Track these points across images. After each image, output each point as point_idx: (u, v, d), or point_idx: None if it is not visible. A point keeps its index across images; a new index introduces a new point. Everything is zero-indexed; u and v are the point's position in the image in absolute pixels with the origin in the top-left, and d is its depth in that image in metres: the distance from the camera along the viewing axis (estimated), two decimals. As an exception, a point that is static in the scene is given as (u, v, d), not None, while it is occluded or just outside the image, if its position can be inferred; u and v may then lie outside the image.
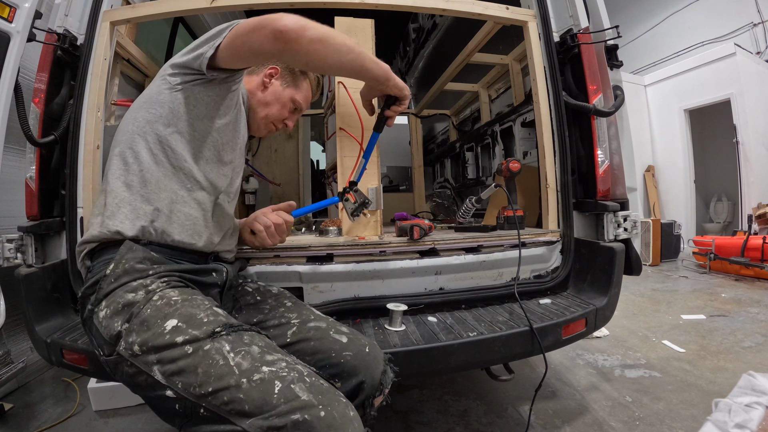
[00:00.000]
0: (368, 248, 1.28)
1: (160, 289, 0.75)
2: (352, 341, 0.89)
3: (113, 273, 0.75)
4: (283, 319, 0.92)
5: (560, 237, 1.42)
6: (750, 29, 5.63)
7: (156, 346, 0.67)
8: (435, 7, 1.48)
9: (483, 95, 3.06)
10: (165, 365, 0.66)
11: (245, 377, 0.63)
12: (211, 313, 0.73)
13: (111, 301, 0.73)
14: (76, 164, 1.25)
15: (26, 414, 1.69)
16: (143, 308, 0.71)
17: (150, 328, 0.69)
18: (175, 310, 0.71)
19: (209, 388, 0.63)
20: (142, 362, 0.67)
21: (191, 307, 0.73)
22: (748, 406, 1.22)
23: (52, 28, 1.25)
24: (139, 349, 0.68)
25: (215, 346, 0.67)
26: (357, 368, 0.85)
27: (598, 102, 1.34)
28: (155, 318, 0.70)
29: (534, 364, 2.07)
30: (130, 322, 0.70)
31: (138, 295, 0.73)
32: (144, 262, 0.78)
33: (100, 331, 0.72)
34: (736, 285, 3.71)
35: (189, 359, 0.65)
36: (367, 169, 1.41)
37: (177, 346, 0.67)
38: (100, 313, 0.73)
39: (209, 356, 0.66)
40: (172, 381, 0.65)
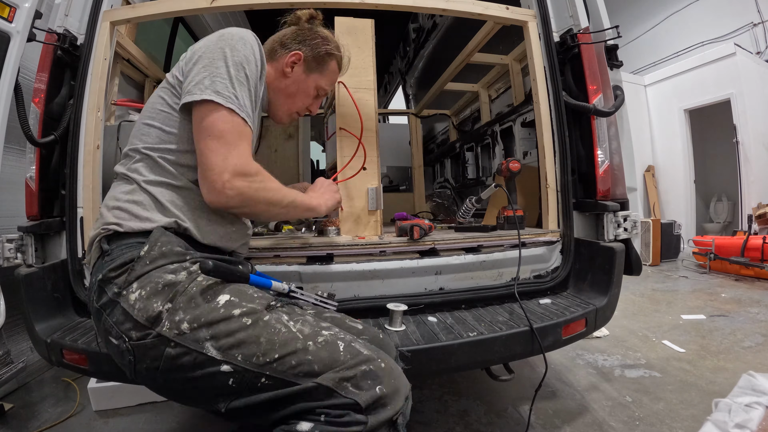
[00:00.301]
0: (368, 248, 1.28)
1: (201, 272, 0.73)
2: (366, 328, 0.93)
3: (148, 255, 0.72)
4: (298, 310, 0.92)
5: (560, 237, 1.42)
6: (750, 29, 5.63)
7: (209, 321, 0.67)
8: (435, 7, 1.48)
9: (483, 95, 3.06)
10: (221, 339, 0.66)
11: (310, 340, 0.68)
12: (260, 294, 0.76)
13: (147, 281, 0.70)
14: (76, 164, 1.25)
15: (26, 414, 1.69)
16: (188, 286, 0.70)
17: (200, 305, 0.68)
18: (224, 287, 0.73)
19: (275, 355, 0.66)
20: (192, 340, 0.66)
21: (240, 287, 0.75)
22: (748, 406, 1.22)
23: (52, 28, 1.25)
24: (188, 327, 0.66)
25: (274, 317, 0.70)
26: None
27: (598, 102, 1.34)
28: (205, 294, 0.70)
29: (534, 364, 2.07)
30: (174, 301, 0.68)
31: (179, 275, 0.71)
32: (182, 246, 0.77)
33: (131, 314, 0.68)
34: (736, 285, 3.71)
35: (249, 330, 0.67)
36: (367, 169, 1.42)
37: (234, 318, 0.68)
38: (131, 295, 0.69)
39: (270, 326, 0.68)
40: (230, 354, 0.66)
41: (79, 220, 1.24)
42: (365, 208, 1.41)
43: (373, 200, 1.41)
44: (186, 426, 1.62)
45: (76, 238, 1.23)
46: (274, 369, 0.65)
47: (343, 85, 1.40)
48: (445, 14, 1.76)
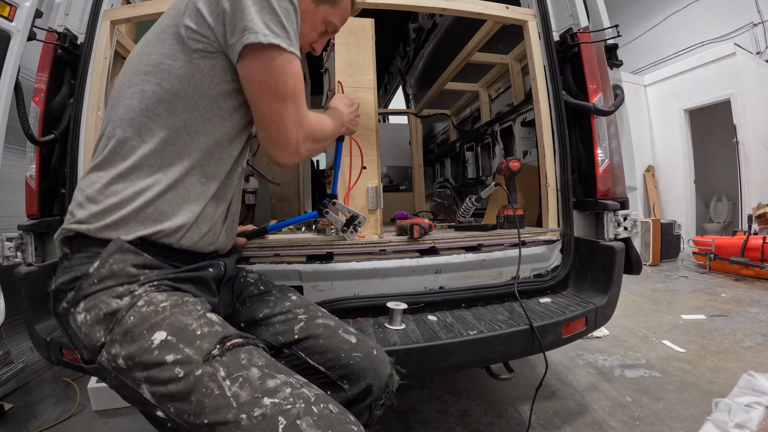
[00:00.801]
0: (368, 247, 1.29)
1: (146, 293, 0.65)
2: (360, 342, 0.85)
3: (97, 273, 0.65)
4: (290, 314, 0.88)
5: (560, 236, 1.42)
6: (750, 29, 5.63)
7: (143, 363, 0.60)
8: (435, 7, 1.48)
9: (483, 95, 3.06)
10: (154, 386, 0.60)
11: (245, 412, 0.57)
12: (205, 321, 0.65)
13: (91, 304, 0.64)
14: (76, 163, 1.25)
15: (26, 414, 1.69)
16: (126, 315, 0.62)
17: (135, 340, 0.61)
18: (163, 319, 0.62)
19: (205, 419, 0.57)
20: (129, 378, 0.61)
21: (181, 314, 0.64)
22: (748, 406, 1.22)
23: (52, 27, 1.25)
24: (124, 363, 0.61)
25: (209, 371, 0.59)
26: (366, 371, 0.82)
27: (598, 101, 1.34)
28: (141, 328, 0.61)
29: (534, 363, 2.06)
30: (113, 332, 0.62)
31: (123, 299, 0.64)
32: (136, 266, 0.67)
33: (79, 336, 0.65)
34: (736, 285, 3.71)
35: (180, 384, 0.58)
36: (367, 169, 1.42)
37: (167, 365, 0.59)
38: (78, 316, 0.64)
39: (202, 383, 0.58)
40: (164, 404, 0.60)
41: (79, 219, 1.24)
42: (365, 207, 1.41)
43: (373, 199, 1.41)
44: (186, 425, 1.62)
45: (76, 237, 1.23)
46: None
47: (342, 86, 1.40)
48: (445, 14, 1.76)
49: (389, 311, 1.15)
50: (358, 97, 1.42)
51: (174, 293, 0.69)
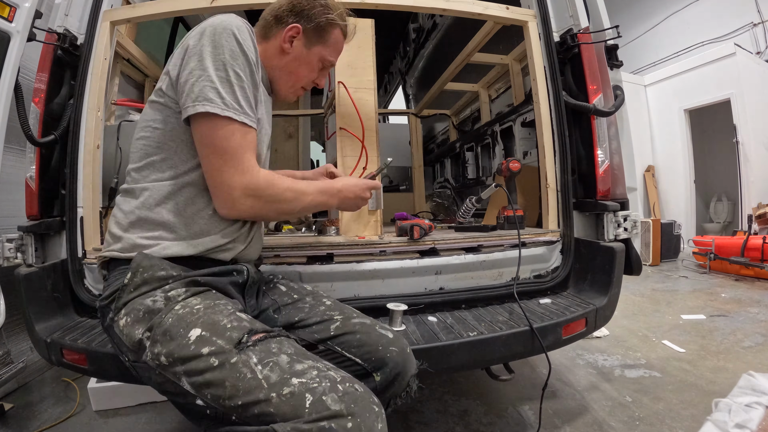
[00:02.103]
0: (368, 248, 1.29)
1: (181, 298, 0.74)
2: (397, 338, 0.89)
3: (131, 282, 0.74)
4: (325, 316, 0.91)
5: (560, 237, 1.42)
6: (750, 29, 5.63)
7: (182, 357, 0.67)
8: (435, 7, 1.48)
9: (483, 95, 3.06)
10: (192, 377, 0.66)
11: (275, 391, 0.62)
12: (235, 318, 0.72)
13: (131, 309, 0.73)
14: (76, 164, 1.25)
15: (26, 414, 1.69)
16: (165, 317, 0.70)
17: (174, 339, 0.68)
18: (198, 318, 0.70)
19: (238, 401, 0.63)
20: (170, 372, 0.68)
21: (214, 313, 0.72)
22: (748, 406, 1.22)
23: (52, 28, 1.25)
24: (165, 360, 0.68)
25: (242, 359, 0.65)
26: (399, 365, 0.86)
27: (598, 102, 1.34)
28: (178, 327, 0.69)
29: (534, 363, 2.07)
30: (152, 331, 0.70)
31: (158, 301, 0.73)
32: (164, 269, 0.76)
33: (122, 340, 0.73)
34: (736, 285, 3.71)
35: (216, 372, 0.65)
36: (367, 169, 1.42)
37: (203, 357, 0.66)
38: (120, 321, 0.73)
39: (236, 369, 0.64)
40: (202, 392, 0.65)
41: (79, 220, 1.24)
42: (365, 208, 1.41)
43: (373, 200, 1.41)
44: (186, 426, 1.62)
45: (76, 237, 1.23)
46: (240, 414, 0.64)
47: (343, 86, 1.40)
48: (445, 14, 1.76)
49: (389, 312, 1.15)
50: (359, 97, 1.42)
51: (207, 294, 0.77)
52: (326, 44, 0.96)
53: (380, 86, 5.53)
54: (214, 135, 0.75)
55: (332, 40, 0.97)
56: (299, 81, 0.98)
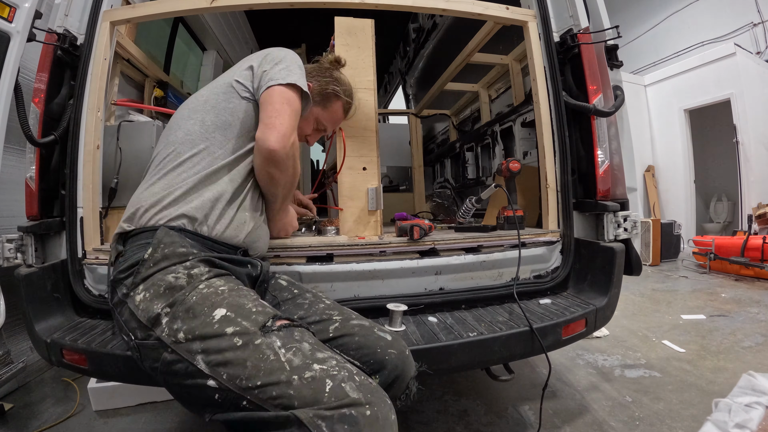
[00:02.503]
0: (368, 248, 1.28)
1: (205, 277, 0.75)
2: (395, 341, 0.90)
3: (152, 258, 0.76)
4: (324, 315, 0.91)
5: (560, 237, 1.42)
6: (750, 29, 5.63)
7: (203, 335, 0.67)
8: (435, 7, 1.48)
9: (483, 95, 3.06)
10: (210, 355, 0.66)
11: (297, 374, 0.64)
12: (259, 303, 0.74)
13: (150, 284, 0.74)
14: (76, 164, 1.25)
15: (26, 414, 1.69)
16: (188, 295, 0.71)
17: (197, 316, 0.69)
18: (223, 299, 0.71)
19: (258, 381, 0.63)
20: (185, 350, 0.67)
21: (239, 296, 0.73)
22: (748, 406, 1.22)
23: (52, 28, 1.25)
24: (183, 337, 0.68)
25: (266, 341, 0.67)
26: (398, 367, 0.86)
27: (598, 102, 1.34)
28: (202, 306, 0.70)
29: (534, 363, 2.07)
30: (174, 307, 0.70)
31: (180, 278, 0.74)
32: (184, 246, 0.79)
33: (136, 314, 0.72)
34: (736, 285, 3.71)
35: (238, 351, 0.65)
36: (367, 169, 1.42)
37: (226, 336, 0.66)
38: (137, 296, 0.74)
39: (260, 350, 0.65)
40: (217, 371, 0.65)
41: (79, 220, 1.24)
42: (365, 208, 1.41)
43: (373, 200, 1.41)
44: (185, 426, 1.62)
45: (76, 238, 1.23)
46: (255, 395, 0.63)
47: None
48: (445, 14, 1.76)
49: (389, 313, 1.14)
50: (359, 98, 1.42)
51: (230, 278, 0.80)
52: (325, 108, 1.16)
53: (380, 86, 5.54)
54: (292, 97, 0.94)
55: (331, 108, 1.17)
56: None
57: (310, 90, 1.06)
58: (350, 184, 1.39)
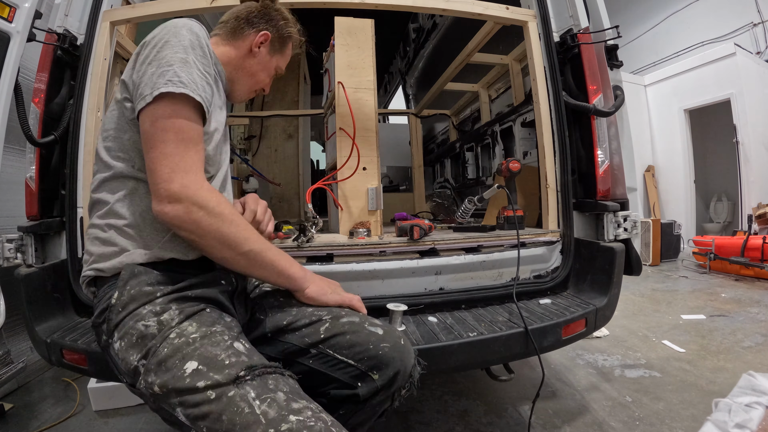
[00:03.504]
0: (368, 248, 1.29)
1: (175, 323, 0.71)
2: (387, 333, 0.87)
3: (119, 302, 0.73)
4: (314, 317, 0.88)
5: (560, 237, 1.42)
6: (750, 29, 5.63)
7: (177, 389, 0.66)
8: (435, 7, 1.48)
9: (483, 95, 3.06)
10: (188, 409, 0.65)
11: (273, 427, 0.62)
12: (233, 352, 0.70)
13: (123, 332, 0.72)
14: (76, 164, 1.25)
15: (26, 414, 1.69)
16: (159, 347, 0.69)
17: (169, 370, 0.67)
18: (194, 350, 0.69)
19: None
20: (165, 402, 0.68)
21: (210, 345, 0.70)
22: (748, 406, 1.22)
23: (52, 28, 1.25)
24: (159, 390, 0.67)
25: (240, 393, 0.65)
26: (395, 359, 0.84)
27: (598, 102, 1.34)
28: (173, 358, 0.68)
29: (534, 363, 2.07)
30: (147, 359, 0.69)
31: (150, 326, 0.71)
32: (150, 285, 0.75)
33: (118, 364, 0.73)
34: (736, 285, 3.71)
35: (213, 405, 0.64)
36: (367, 169, 1.42)
37: (199, 391, 0.65)
38: (114, 345, 0.73)
39: (234, 403, 0.64)
40: (197, 424, 0.65)
41: (79, 220, 1.24)
42: (365, 208, 1.41)
43: (373, 200, 1.41)
44: (186, 426, 1.62)
45: (76, 238, 1.23)
46: None
47: (342, 86, 1.40)
48: (445, 14, 1.76)
49: (389, 313, 1.14)
50: (358, 97, 1.42)
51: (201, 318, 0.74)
52: (283, 54, 1.05)
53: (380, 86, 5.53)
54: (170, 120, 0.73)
55: (287, 52, 1.06)
56: (258, 84, 1.03)
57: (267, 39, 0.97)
58: (350, 183, 1.39)
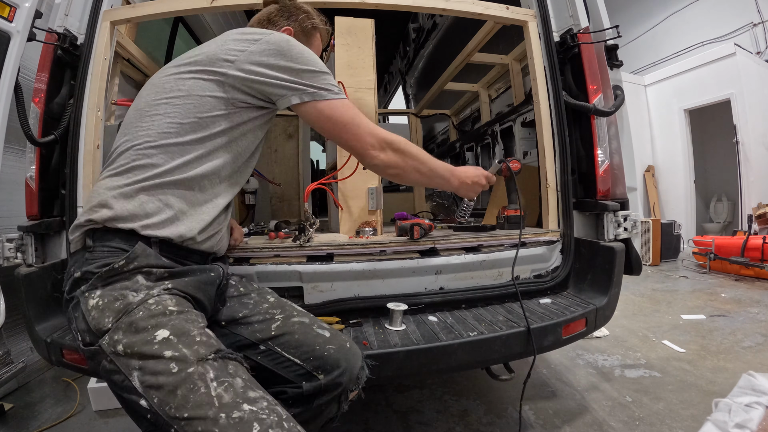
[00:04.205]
0: (368, 248, 1.28)
1: (155, 293, 0.72)
2: (334, 336, 0.90)
3: (120, 268, 0.72)
4: (267, 315, 0.92)
5: (560, 237, 1.42)
6: (750, 29, 5.63)
7: (141, 353, 0.65)
8: (435, 7, 1.48)
9: (483, 95, 3.06)
10: (146, 375, 0.64)
11: (224, 412, 0.61)
12: (204, 333, 0.71)
13: (108, 292, 0.70)
14: (76, 164, 1.25)
15: (26, 414, 1.69)
16: (135, 309, 0.69)
17: (138, 332, 0.66)
18: (169, 320, 0.69)
19: (185, 413, 0.61)
20: (123, 364, 0.66)
21: (186, 321, 0.70)
22: (748, 406, 1.22)
23: (52, 28, 1.25)
24: (122, 350, 0.66)
25: (199, 371, 0.64)
26: (339, 361, 0.86)
27: (598, 102, 1.34)
28: (146, 322, 0.67)
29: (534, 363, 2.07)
30: (119, 320, 0.68)
31: (138, 295, 0.71)
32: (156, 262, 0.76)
33: (86, 318, 0.70)
34: (736, 285, 3.71)
35: (171, 377, 0.63)
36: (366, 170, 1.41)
37: (163, 359, 0.64)
38: (90, 300, 0.70)
39: (191, 380, 0.63)
40: (149, 393, 0.64)
41: (79, 220, 1.24)
42: (365, 207, 1.41)
43: (373, 200, 1.41)
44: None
45: (76, 237, 1.23)
46: (182, 427, 0.62)
47: (342, 86, 1.40)
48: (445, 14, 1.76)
49: (389, 312, 1.15)
50: (358, 97, 1.42)
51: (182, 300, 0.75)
52: (312, 46, 1.08)
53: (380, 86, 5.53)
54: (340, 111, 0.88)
55: (314, 43, 1.11)
56: None
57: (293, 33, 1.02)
58: (350, 183, 1.39)
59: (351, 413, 1.01)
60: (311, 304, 1.20)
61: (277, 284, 1.20)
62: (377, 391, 1.78)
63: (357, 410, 1.64)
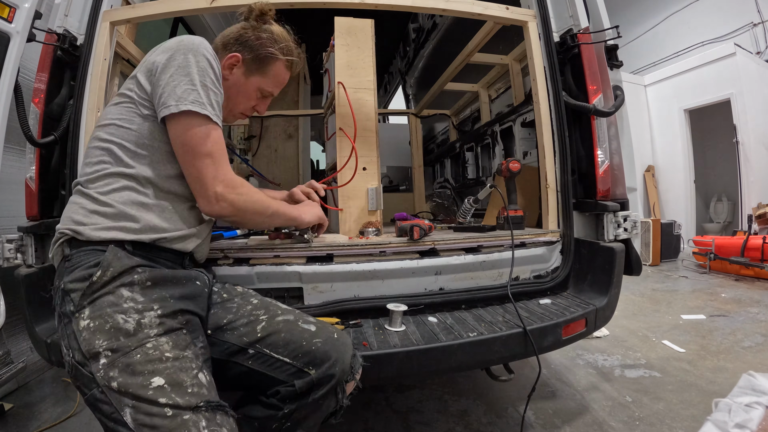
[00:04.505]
0: (368, 248, 1.28)
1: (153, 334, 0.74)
2: (320, 329, 0.91)
3: (100, 280, 0.75)
4: (251, 317, 0.92)
5: (560, 237, 1.42)
6: (750, 29, 5.63)
7: (137, 395, 0.68)
8: (435, 7, 1.48)
9: (483, 95, 3.06)
10: (140, 414, 0.67)
11: None
12: (196, 383, 0.74)
13: (98, 313, 0.73)
14: (76, 164, 1.25)
15: (26, 414, 1.69)
16: (133, 350, 0.71)
17: (135, 375, 0.69)
18: (165, 368, 0.71)
19: None
20: (116, 399, 0.68)
21: (180, 370, 0.73)
22: (748, 406, 1.22)
23: (51, 29, 1.25)
24: (117, 387, 0.68)
25: (193, 419, 0.69)
26: (328, 353, 0.86)
27: (598, 102, 1.34)
28: (143, 367, 0.70)
29: (534, 363, 2.06)
30: (115, 354, 0.70)
31: (129, 322, 0.73)
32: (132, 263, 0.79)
33: (77, 339, 0.72)
34: (736, 285, 3.71)
35: (166, 421, 0.67)
36: (367, 169, 1.42)
37: (158, 404, 0.68)
38: (81, 321, 0.73)
39: (186, 426, 0.68)
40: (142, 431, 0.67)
41: (79, 221, 1.24)
42: (365, 208, 1.41)
43: (373, 200, 1.41)
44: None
45: (76, 238, 1.23)
46: None
47: (343, 86, 1.40)
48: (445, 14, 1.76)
49: (389, 313, 1.15)
50: (358, 98, 1.42)
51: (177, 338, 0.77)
52: (265, 75, 1.03)
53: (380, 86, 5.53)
54: (197, 133, 0.83)
55: (272, 72, 1.03)
56: (236, 107, 1.04)
57: (241, 61, 0.98)
58: (350, 183, 1.39)
59: (351, 413, 1.01)
60: (311, 304, 1.20)
61: (277, 285, 1.20)
62: (377, 391, 1.78)
63: (357, 410, 1.64)
